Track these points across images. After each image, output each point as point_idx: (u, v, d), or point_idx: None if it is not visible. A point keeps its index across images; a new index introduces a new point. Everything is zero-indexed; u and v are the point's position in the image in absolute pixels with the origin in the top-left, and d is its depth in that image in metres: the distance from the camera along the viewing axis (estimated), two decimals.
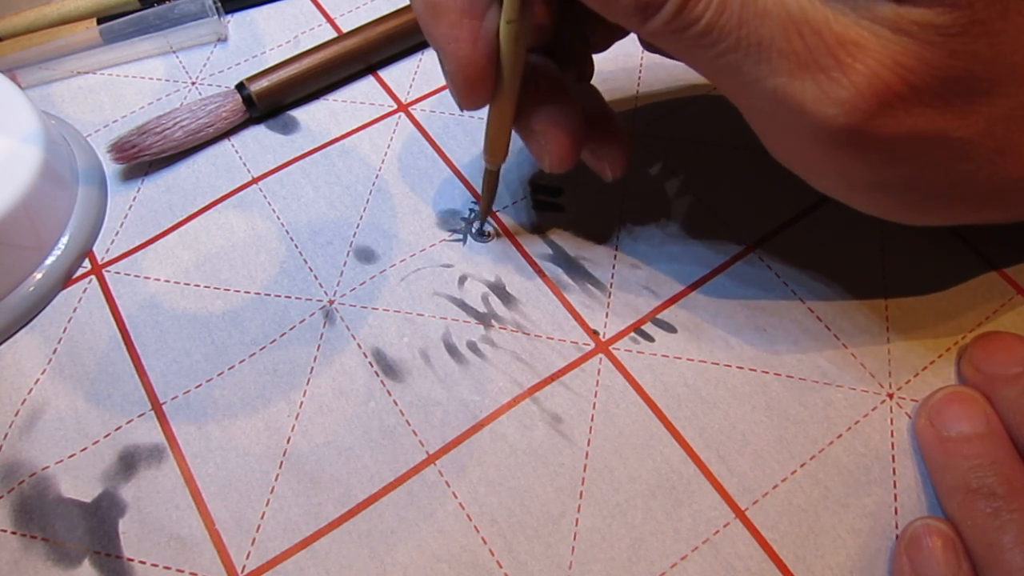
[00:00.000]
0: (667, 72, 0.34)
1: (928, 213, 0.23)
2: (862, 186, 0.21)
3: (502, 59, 0.22)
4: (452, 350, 0.27)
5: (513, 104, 0.24)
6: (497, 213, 0.30)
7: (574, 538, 0.24)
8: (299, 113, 0.33)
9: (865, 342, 0.27)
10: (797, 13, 0.18)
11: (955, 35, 0.17)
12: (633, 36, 0.25)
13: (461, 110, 0.24)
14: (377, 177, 0.31)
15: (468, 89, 0.23)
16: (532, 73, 0.24)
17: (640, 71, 0.34)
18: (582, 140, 0.25)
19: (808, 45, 0.18)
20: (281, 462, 0.25)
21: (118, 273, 0.29)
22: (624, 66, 0.34)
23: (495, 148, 0.26)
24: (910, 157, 0.20)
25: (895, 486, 0.24)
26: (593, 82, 0.28)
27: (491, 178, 0.28)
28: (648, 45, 0.27)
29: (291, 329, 0.28)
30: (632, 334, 0.27)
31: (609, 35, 0.27)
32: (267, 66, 0.33)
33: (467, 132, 0.32)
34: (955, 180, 0.21)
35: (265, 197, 0.31)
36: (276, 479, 0.25)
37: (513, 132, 0.26)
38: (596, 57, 0.28)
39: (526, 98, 0.24)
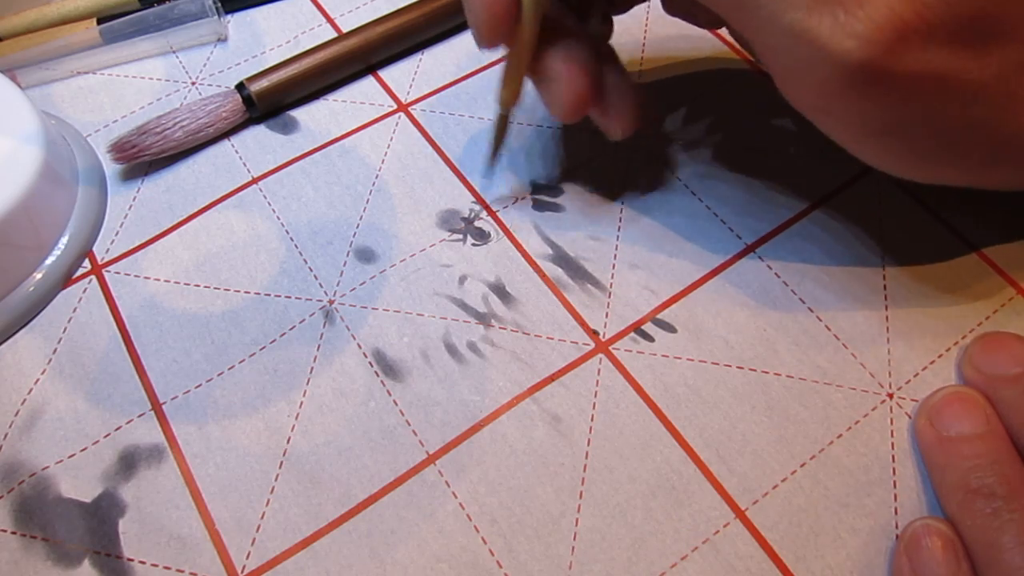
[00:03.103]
0: (667, 72, 0.34)
1: (940, 165, 0.23)
2: (874, 130, 0.21)
3: (523, 2, 0.23)
4: (452, 350, 0.27)
5: (532, 45, 0.24)
6: (497, 213, 0.30)
7: (574, 538, 0.24)
8: (299, 113, 0.33)
9: (865, 342, 0.27)
10: None
11: None
12: (642, 12, 0.25)
13: (479, 48, 0.24)
14: (377, 177, 0.31)
15: (491, 30, 0.23)
16: (551, 19, 0.24)
17: (640, 71, 0.34)
18: (595, 90, 0.25)
19: None
20: (281, 462, 0.25)
21: (118, 273, 0.29)
22: (624, 64, 0.34)
23: (509, 92, 0.26)
24: (924, 97, 0.20)
25: (895, 486, 0.24)
26: None
27: (503, 122, 0.28)
28: (669, 5, 0.27)
29: (291, 329, 0.28)
30: (632, 334, 0.27)
31: None
32: (267, 66, 0.33)
33: (467, 132, 0.32)
34: (967, 125, 0.21)
35: (265, 197, 0.31)
36: (276, 479, 0.25)
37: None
38: None
39: (543, 42, 0.24)
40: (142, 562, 0.24)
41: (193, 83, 0.34)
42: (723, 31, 0.35)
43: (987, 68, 0.19)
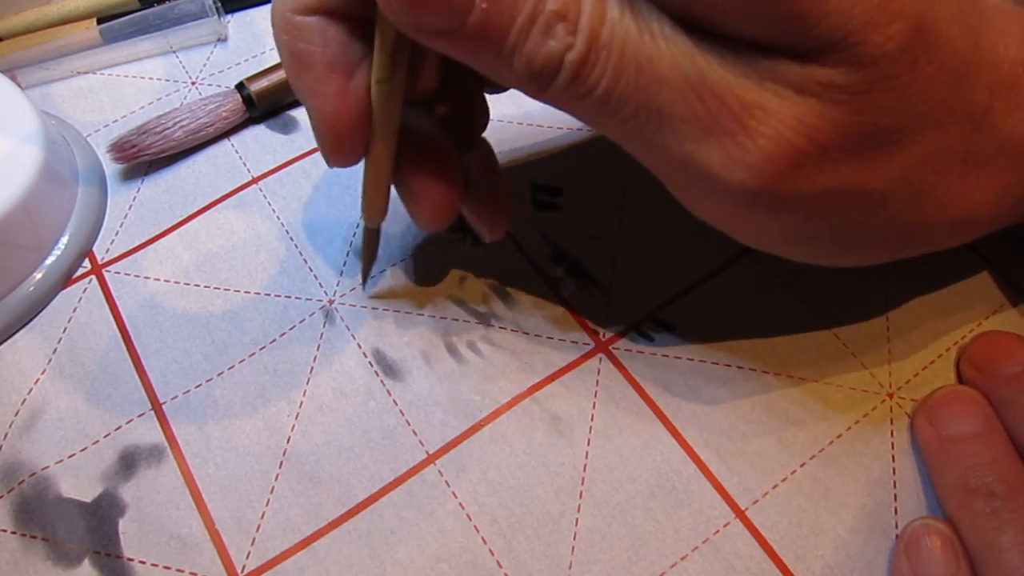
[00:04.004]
0: None
1: (852, 258, 0.23)
2: (782, 240, 0.21)
3: (374, 118, 0.21)
4: (452, 350, 0.27)
5: (389, 163, 0.22)
6: None
7: (574, 538, 0.24)
8: (299, 113, 0.33)
9: (865, 342, 0.27)
10: (696, 77, 0.17)
11: (861, 93, 0.17)
12: None
13: (328, 167, 0.23)
14: None
15: (335, 148, 0.21)
16: (409, 130, 0.23)
17: None
18: (458, 202, 0.24)
19: (710, 110, 0.17)
20: (281, 462, 0.25)
21: (118, 273, 0.29)
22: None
23: (372, 206, 0.24)
24: (827, 211, 0.19)
25: (895, 486, 0.24)
26: None
27: (371, 236, 0.26)
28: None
29: (291, 329, 0.28)
30: (632, 334, 0.27)
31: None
32: (267, 66, 0.33)
33: None
34: (875, 228, 0.20)
35: (265, 197, 0.31)
36: (276, 479, 0.25)
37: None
38: None
39: (402, 156, 0.23)
40: (142, 562, 0.24)
41: (193, 83, 0.34)
42: None
43: (888, 175, 0.19)
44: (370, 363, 0.27)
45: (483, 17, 0.17)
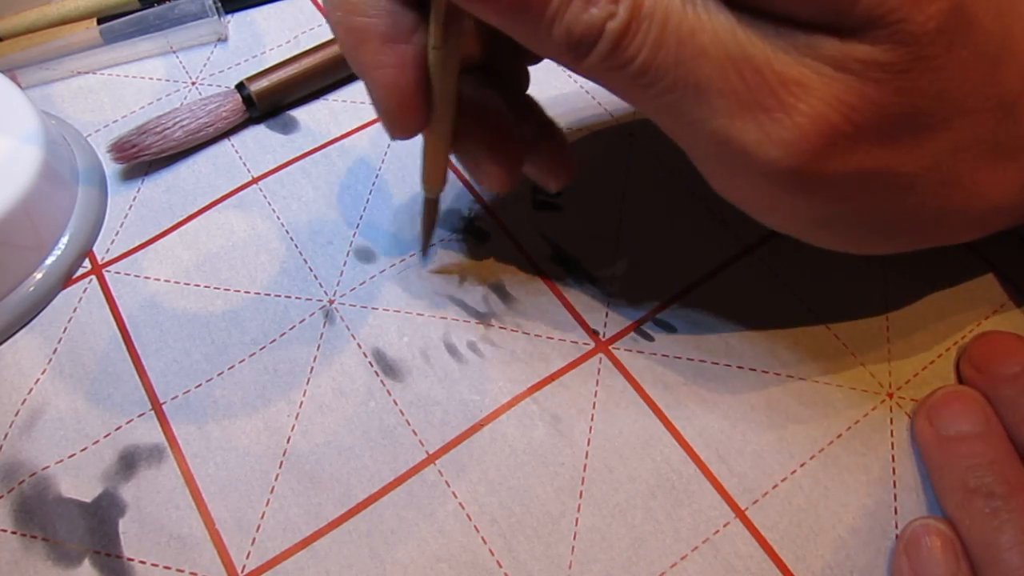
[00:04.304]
0: None
1: (876, 244, 0.22)
2: (810, 223, 0.21)
3: (432, 85, 0.21)
4: (452, 350, 0.27)
5: (448, 131, 0.23)
6: (497, 213, 0.30)
7: (574, 538, 0.24)
8: (299, 113, 0.33)
9: (865, 342, 0.27)
10: (736, 51, 0.17)
11: (900, 72, 0.17)
12: None
13: (392, 139, 0.23)
14: (377, 177, 0.31)
15: (399, 117, 0.21)
16: (466, 96, 0.23)
17: None
18: (520, 161, 0.24)
19: (749, 85, 0.17)
20: (281, 462, 0.25)
21: (118, 273, 0.29)
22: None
23: (432, 176, 0.25)
24: (857, 193, 0.19)
25: (895, 486, 0.24)
26: (593, 86, 0.28)
27: (431, 207, 0.27)
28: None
29: (291, 329, 0.28)
30: (632, 334, 0.27)
31: None
32: (267, 66, 0.33)
33: None
34: (902, 213, 0.20)
35: (265, 197, 0.31)
36: (276, 479, 0.25)
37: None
38: None
39: (462, 123, 0.23)
40: (142, 562, 0.24)
41: (193, 83, 0.34)
42: None
43: (919, 160, 0.19)
44: (370, 363, 0.27)
45: None
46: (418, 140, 0.23)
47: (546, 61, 0.21)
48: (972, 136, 0.19)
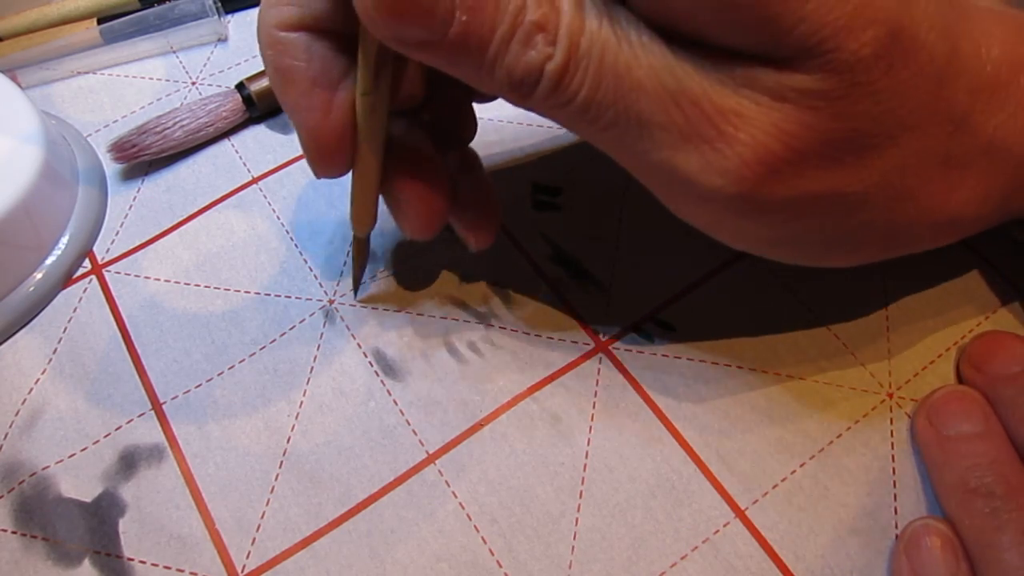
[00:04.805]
0: None
1: (839, 258, 0.23)
2: (767, 243, 0.21)
3: (359, 131, 0.21)
4: (452, 350, 0.27)
5: (375, 174, 0.23)
6: None
7: (574, 538, 0.24)
8: None
9: (865, 342, 0.27)
10: (672, 85, 0.17)
11: (837, 99, 0.17)
12: None
13: (317, 178, 0.23)
14: None
15: (321, 160, 0.22)
16: (397, 139, 0.23)
17: None
18: (446, 211, 0.24)
19: (688, 117, 0.17)
20: (281, 462, 0.25)
21: (118, 273, 0.29)
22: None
23: (360, 217, 0.25)
24: (807, 214, 0.19)
25: (895, 486, 0.24)
26: None
27: (360, 246, 0.27)
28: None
29: (291, 329, 0.28)
30: (632, 334, 0.27)
31: None
32: None
33: None
34: (857, 229, 0.21)
35: (265, 197, 0.31)
36: (276, 479, 0.25)
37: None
38: None
39: (389, 166, 0.23)
40: (142, 562, 0.24)
41: (193, 83, 0.34)
42: None
43: (867, 179, 0.19)
44: (370, 363, 0.27)
45: (464, 29, 0.17)
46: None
47: None
48: (921, 151, 0.19)
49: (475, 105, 0.26)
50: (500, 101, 0.20)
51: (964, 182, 0.20)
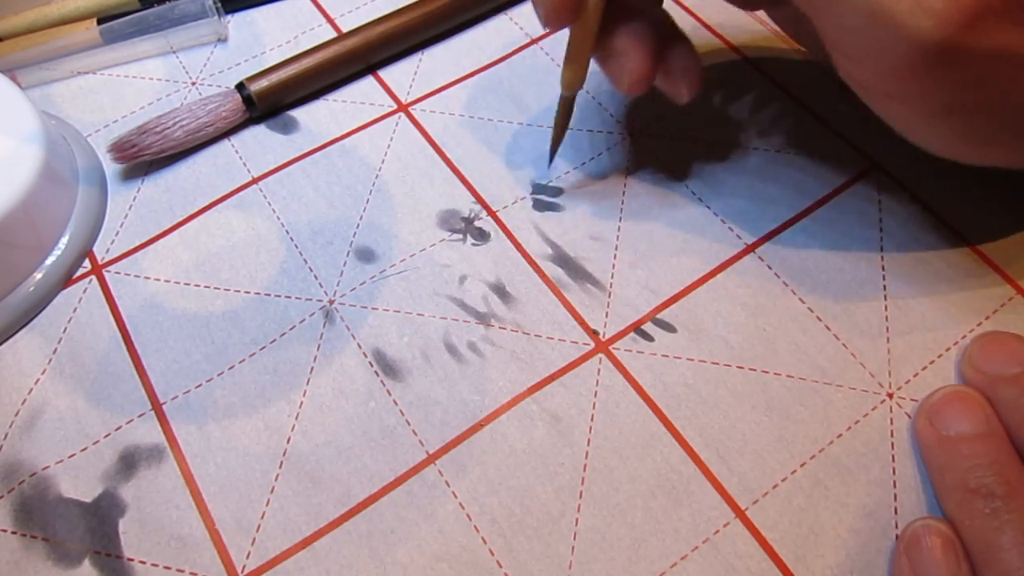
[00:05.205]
0: None
1: (995, 146, 0.22)
2: (940, 110, 0.21)
3: None
4: (452, 350, 0.27)
5: (595, 28, 0.24)
6: (497, 213, 0.30)
7: (574, 538, 0.24)
8: (299, 113, 0.33)
9: (865, 342, 0.27)
10: None
11: None
12: None
13: (544, 28, 0.24)
14: (377, 177, 0.31)
15: (556, 6, 0.23)
16: None
17: None
18: (657, 63, 0.25)
19: None
20: (281, 462, 0.25)
21: (118, 273, 0.29)
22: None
23: (575, 71, 0.26)
24: (995, 77, 0.19)
25: (895, 486, 0.24)
26: (593, 86, 0.28)
27: (566, 105, 0.28)
28: None
29: (291, 329, 0.28)
30: (632, 334, 0.27)
31: None
32: (267, 66, 0.33)
33: (467, 132, 0.32)
34: None
35: (265, 197, 0.31)
36: (276, 479, 0.25)
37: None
38: None
39: (606, 19, 0.24)
40: (142, 562, 0.24)
41: (193, 83, 0.34)
42: (723, 24, 0.35)
43: None
44: (370, 363, 0.27)
45: None
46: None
47: None
48: None
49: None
50: (507, 99, 0.21)
51: None
